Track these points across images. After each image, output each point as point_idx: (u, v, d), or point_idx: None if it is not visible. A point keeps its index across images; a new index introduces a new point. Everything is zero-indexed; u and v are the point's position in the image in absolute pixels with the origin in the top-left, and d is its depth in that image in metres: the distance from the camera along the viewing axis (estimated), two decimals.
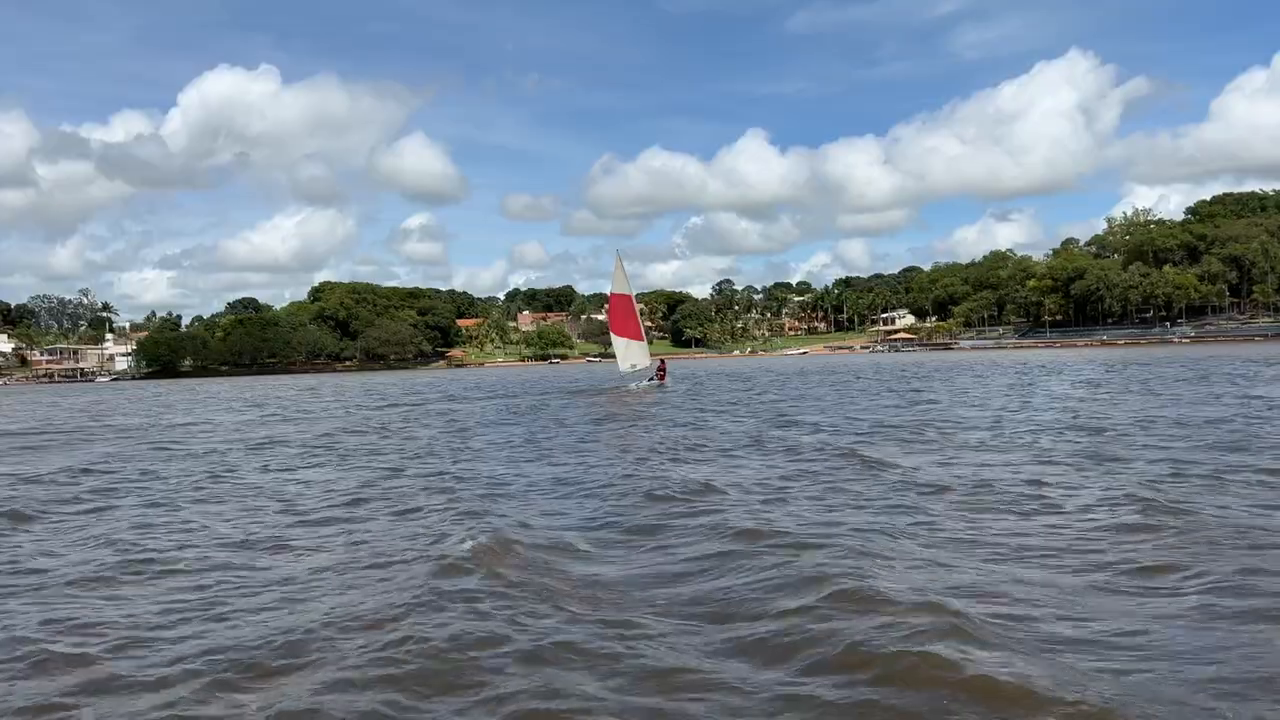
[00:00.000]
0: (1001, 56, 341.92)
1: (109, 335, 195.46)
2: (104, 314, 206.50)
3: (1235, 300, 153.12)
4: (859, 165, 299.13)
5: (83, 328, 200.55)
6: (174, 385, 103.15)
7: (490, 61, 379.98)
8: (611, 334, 42.70)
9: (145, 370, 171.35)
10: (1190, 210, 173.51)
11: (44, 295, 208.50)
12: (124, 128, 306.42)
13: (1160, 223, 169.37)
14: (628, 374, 41.40)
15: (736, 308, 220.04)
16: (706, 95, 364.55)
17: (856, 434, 17.77)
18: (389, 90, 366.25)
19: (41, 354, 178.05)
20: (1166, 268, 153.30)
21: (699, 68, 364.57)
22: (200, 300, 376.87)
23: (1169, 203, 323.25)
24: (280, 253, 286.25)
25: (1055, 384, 33.29)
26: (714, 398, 33.44)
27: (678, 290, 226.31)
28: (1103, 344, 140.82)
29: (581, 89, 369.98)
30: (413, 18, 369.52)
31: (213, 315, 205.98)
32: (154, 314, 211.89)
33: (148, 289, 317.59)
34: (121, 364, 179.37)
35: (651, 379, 41.94)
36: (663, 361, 45.74)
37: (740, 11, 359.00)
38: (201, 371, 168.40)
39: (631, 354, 41.15)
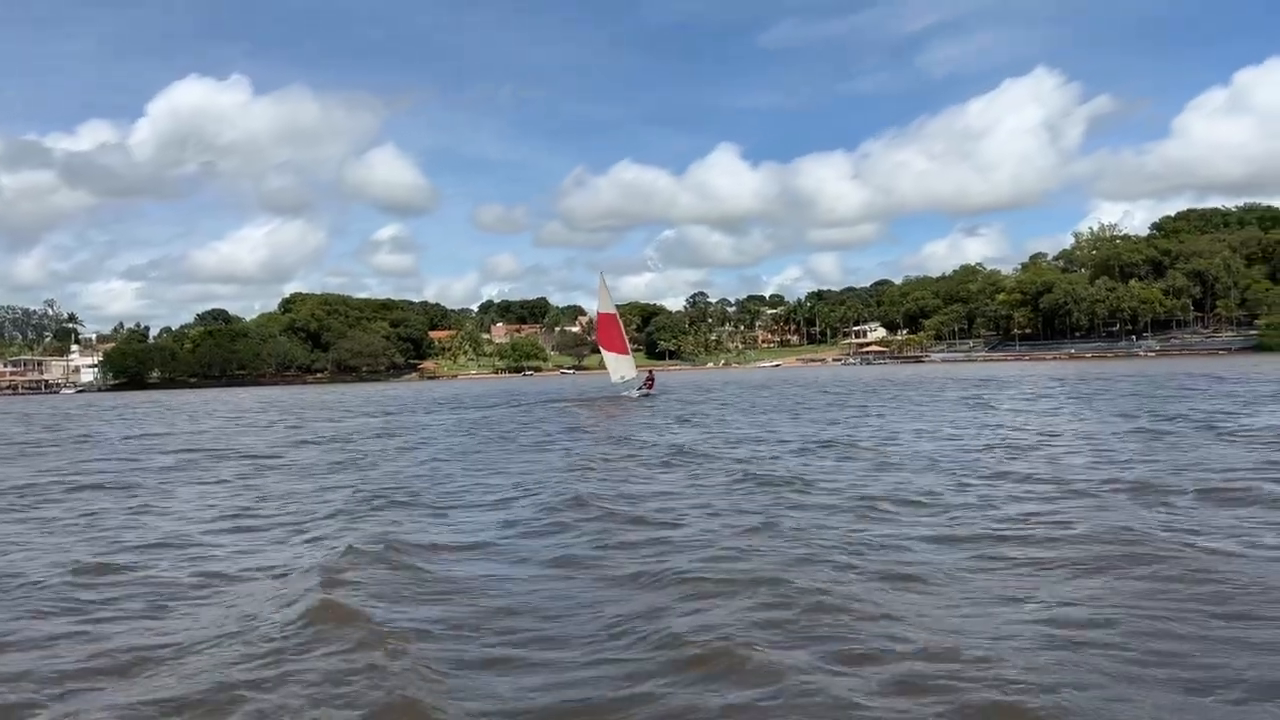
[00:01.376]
0: (970, 73, 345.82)
1: (75, 346, 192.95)
2: (69, 325, 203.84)
3: (1199, 314, 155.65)
4: (829, 180, 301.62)
5: (48, 339, 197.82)
6: (134, 397, 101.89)
7: (465, 73, 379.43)
8: (601, 349, 47.24)
9: (112, 382, 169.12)
10: (1155, 226, 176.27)
11: (8, 306, 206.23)
12: (90, 137, 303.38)
13: (1126, 238, 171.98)
14: (618, 384, 45.38)
15: (710, 320, 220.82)
16: (678, 108, 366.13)
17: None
18: (361, 101, 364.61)
19: (5, 365, 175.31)
20: (1132, 282, 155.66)
21: (672, 81, 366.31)
22: (168, 311, 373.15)
23: (1134, 218, 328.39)
24: (249, 264, 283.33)
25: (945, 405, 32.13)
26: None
27: (651, 303, 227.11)
28: (1070, 357, 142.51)
29: (555, 101, 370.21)
30: (389, 29, 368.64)
31: (181, 326, 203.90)
32: (121, 325, 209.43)
33: (114, 300, 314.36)
34: (88, 376, 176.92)
35: (640, 388, 45.62)
36: (650, 372, 50.26)
37: (715, 25, 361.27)
38: (170, 383, 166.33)
39: (620, 367, 45.53)
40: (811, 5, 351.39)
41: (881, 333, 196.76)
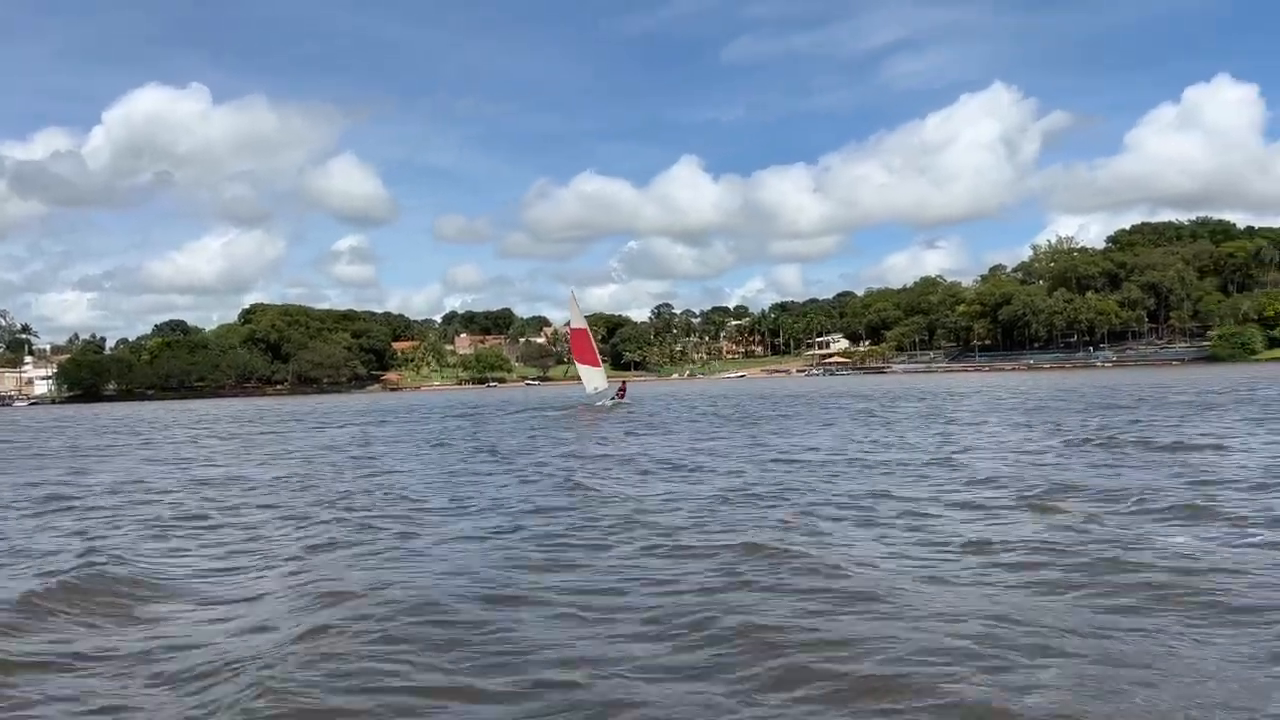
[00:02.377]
0: (928, 89, 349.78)
1: (28, 358, 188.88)
2: (23, 336, 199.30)
3: (1154, 325, 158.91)
4: (790, 193, 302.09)
5: (0, 350, 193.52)
6: (85, 410, 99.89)
7: (425, 84, 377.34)
8: (575, 362, 51.68)
9: (67, 394, 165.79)
10: (1111, 239, 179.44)
11: None
12: (44, 145, 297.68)
13: (1082, 250, 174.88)
14: (592, 394, 48.85)
15: (675, 331, 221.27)
16: (641, 121, 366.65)
17: None
18: (320, 111, 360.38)
19: None
20: (1089, 294, 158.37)
21: (634, 94, 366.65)
22: (125, 323, 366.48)
23: (1089, 231, 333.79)
24: (208, 274, 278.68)
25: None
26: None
27: (616, 314, 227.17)
28: (1029, 368, 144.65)
29: (517, 112, 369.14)
30: (349, 39, 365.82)
31: (139, 338, 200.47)
32: (76, 336, 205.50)
33: (68, 310, 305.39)
34: (41, 388, 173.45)
35: (614, 397, 48.89)
36: (624, 383, 53.74)
37: (678, 39, 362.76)
38: (127, 395, 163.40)
39: (593, 378, 49.21)
40: (773, 21, 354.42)
41: (844, 344, 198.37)
